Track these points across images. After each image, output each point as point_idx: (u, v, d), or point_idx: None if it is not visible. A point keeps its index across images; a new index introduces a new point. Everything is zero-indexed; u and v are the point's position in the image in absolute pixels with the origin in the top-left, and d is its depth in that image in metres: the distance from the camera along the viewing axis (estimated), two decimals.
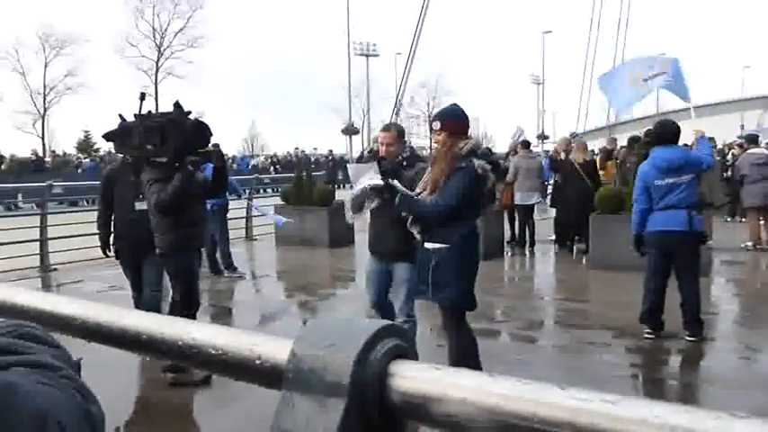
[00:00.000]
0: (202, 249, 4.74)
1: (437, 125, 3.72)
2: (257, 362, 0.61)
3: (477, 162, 3.64)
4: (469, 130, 3.88)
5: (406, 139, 4.67)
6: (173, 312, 4.38)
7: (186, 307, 4.35)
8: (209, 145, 4.38)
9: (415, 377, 0.53)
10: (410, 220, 3.75)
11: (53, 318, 0.84)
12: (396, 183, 3.72)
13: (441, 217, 3.62)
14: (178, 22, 41.06)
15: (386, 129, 4.51)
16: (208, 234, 8.01)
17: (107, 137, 4.46)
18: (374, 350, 0.55)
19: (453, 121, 3.75)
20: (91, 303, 0.82)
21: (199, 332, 0.67)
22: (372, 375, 0.54)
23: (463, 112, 3.88)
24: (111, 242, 5.12)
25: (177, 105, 4.14)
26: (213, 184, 4.46)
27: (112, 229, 5.09)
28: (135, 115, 4.15)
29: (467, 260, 3.74)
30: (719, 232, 9.75)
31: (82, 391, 0.58)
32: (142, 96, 4.21)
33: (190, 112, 4.18)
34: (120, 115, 4.25)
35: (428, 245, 3.70)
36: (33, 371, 0.56)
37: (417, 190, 3.76)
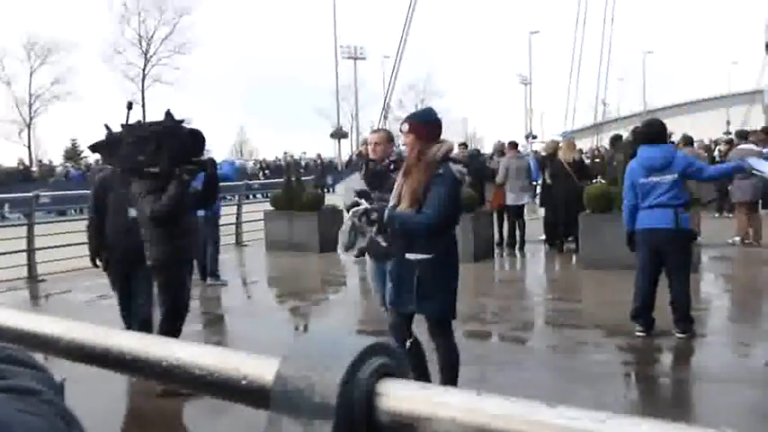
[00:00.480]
0: (194, 261, 4.66)
1: (405, 127, 3.56)
2: (243, 382, 0.60)
3: (454, 167, 3.51)
4: (441, 135, 3.66)
5: (395, 143, 4.75)
6: (162, 324, 4.31)
7: (172, 319, 4.28)
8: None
9: (404, 397, 0.53)
10: (374, 231, 3.60)
11: (35, 338, 0.83)
12: (363, 202, 3.60)
13: (434, 229, 3.47)
14: (164, 29, 40.91)
15: (375, 131, 4.79)
16: (200, 242, 7.98)
17: (94, 148, 4.37)
18: (361, 369, 0.54)
19: (422, 124, 3.58)
20: (74, 323, 0.81)
21: (183, 352, 0.66)
22: (360, 396, 0.53)
23: (435, 116, 3.72)
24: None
25: (169, 114, 4.07)
26: (204, 193, 4.39)
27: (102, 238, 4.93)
28: (122, 125, 4.09)
29: (450, 269, 3.59)
30: (707, 228, 9.83)
31: (64, 416, 0.56)
32: (129, 105, 4.16)
33: (183, 121, 4.12)
34: (107, 126, 4.17)
35: (410, 255, 3.53)
36: (13, 397, 0.54)
37: (391, 202, 3.61)
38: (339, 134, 42.92)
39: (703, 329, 5.39)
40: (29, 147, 39.93)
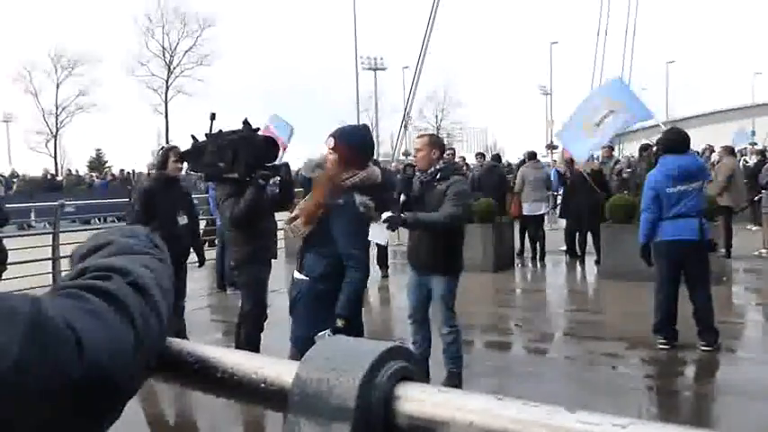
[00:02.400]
0: (273, 261, 4.85)
1: (330, 142, 3.13)
2: (263, 385, 0.61)
3: (358, 199, 3.08)
4: (368, 164, 3.24)
5: (447, 151, 4.51)
6: (244, 322, 4.61)
7: (256, 316, 4.55)
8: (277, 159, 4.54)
9: (422, 400, 0.53)
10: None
11: None
12: None
13: (362, 263, 3.13)
14: (187, 41, 41.40)
15: (419, 136, 4.54)
16: (218, 251, 8.06)
17: (182, 157, 4.75)
18: (380, 373, 0.54)
19: (347, 147, 3.12)
20: None
21: (204, 354, 0.67)
22: (378, 399, 0.53)
23: (364, 139, 3.24)
24: None
25: (246, 123, 4.25)
26: (280, 196, 4.60)
27: None
28: (206, 134, 4.26)
29: (322, 301, 3.06)
30: (737, 239, 9.66)
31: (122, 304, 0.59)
32: (212, 116, 4.32)
33: (258, 129, 4.28)
34: (193, 136, 4.43)
35: (296, 274, 3.20)
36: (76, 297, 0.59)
37: (293, 213, 3.29)
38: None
39: (729, 342, 5.28)
40: (55, 157, 40.66)
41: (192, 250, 5.34)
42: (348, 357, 0.55)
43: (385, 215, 4.05)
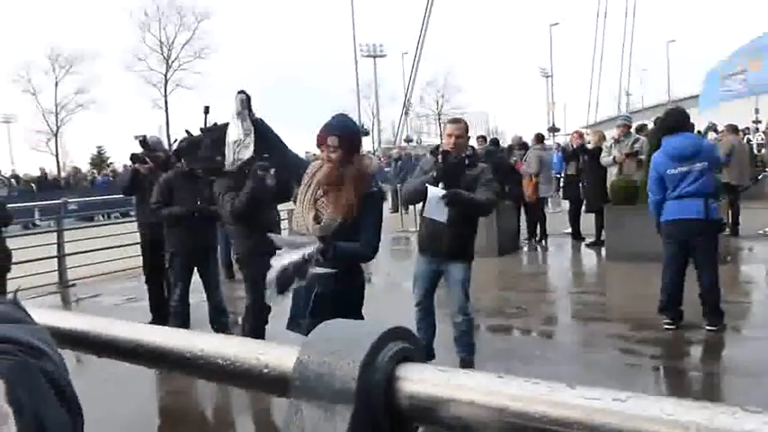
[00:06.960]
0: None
1: (334, 140, 2.92)
2: (264, 370, 0.61)
3: (383, 186, 3.18)
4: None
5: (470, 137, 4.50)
6: (248, 316, 4.63)
7: (260, 310, 4.53)
8: None
9: (423, 380, 0.53)
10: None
11: (64, 334, 0.84)
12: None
13: (371, 258, 3.08)
14: (185, 34, 41.27)
15: (455, 121, 4.48)
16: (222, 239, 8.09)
17: (177, 153, 4.77)
18: (380, 354, 0.54)
19: (353, 136, 3.04)
20: (99, 319, 0.82)
21: (206, 343, 0.67)
22: (379, 380, 0.53)
23: (355, 125, 3.31)
24: (166, 249, 5.31)
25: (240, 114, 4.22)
26: (278, 188, 4.48)
27: (167, 237, 5.28)
28: (200, 129, 4.24)
29: (356, 290, 3.05)
30: (742, 217, 9.62)
31: (26, 351, 0.55)
32: (206, 110, 4.29)
33: (256, 120, 4.26)
34: (187, 131, 4.42)
35: (316, 269, 2.82)
36: None
37: (301, 210, 3.02)
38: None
39: (734, 322, 5.28)
40: (56, 155, 40.67)
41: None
42: (348, 340, 0.55)
43: (440, 191, 4.00)
